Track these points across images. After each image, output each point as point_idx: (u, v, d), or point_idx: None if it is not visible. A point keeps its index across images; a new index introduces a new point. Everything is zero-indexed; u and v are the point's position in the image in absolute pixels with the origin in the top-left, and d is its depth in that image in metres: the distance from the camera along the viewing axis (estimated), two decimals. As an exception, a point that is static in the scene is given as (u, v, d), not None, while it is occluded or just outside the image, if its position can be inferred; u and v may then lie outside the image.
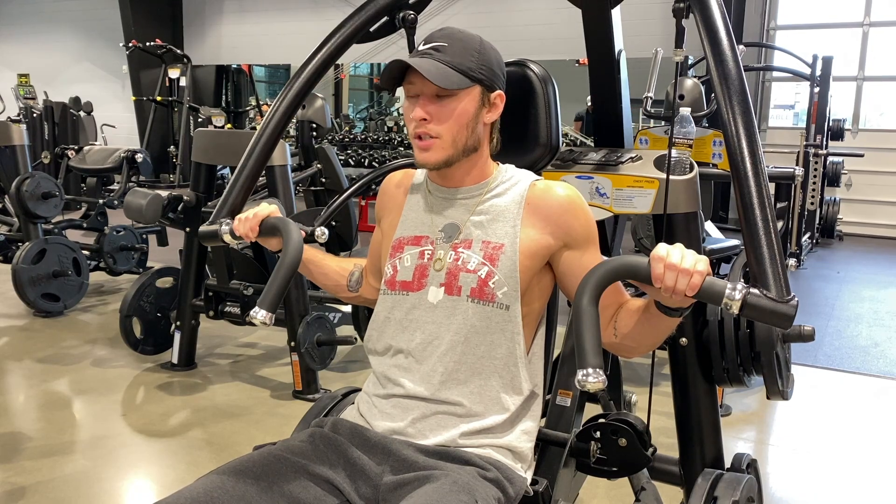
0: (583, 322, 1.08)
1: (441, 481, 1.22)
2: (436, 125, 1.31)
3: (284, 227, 1.41)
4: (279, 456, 1.29)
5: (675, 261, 1.10)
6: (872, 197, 8.62)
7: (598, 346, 1.06)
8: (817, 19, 9.00)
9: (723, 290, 1.09)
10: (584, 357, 1.06)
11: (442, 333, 1.34)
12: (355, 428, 1.37)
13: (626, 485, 1.93)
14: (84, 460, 2.69)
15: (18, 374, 3.62)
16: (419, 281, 1.38)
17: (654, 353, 1.83)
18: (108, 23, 12.55)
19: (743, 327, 1.85)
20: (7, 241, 4.83)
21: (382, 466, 1.30)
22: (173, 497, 1.18)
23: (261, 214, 1.46)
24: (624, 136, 1.90)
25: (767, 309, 1.10)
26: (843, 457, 2.88)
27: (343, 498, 1.28)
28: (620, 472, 1.68)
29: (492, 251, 1.34)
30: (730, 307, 1.09)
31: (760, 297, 1.10)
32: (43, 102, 9.48)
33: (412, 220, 1.45)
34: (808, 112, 7.15)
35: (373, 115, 14.47)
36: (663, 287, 1.11)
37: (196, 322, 3.63)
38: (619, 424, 1.64)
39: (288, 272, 1.32)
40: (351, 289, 1.60)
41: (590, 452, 1.64)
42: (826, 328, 4.58)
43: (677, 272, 1.09)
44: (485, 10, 10.27)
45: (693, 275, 1.09)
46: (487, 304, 1.33)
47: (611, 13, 1.75)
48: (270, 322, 1.28)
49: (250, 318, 1.28)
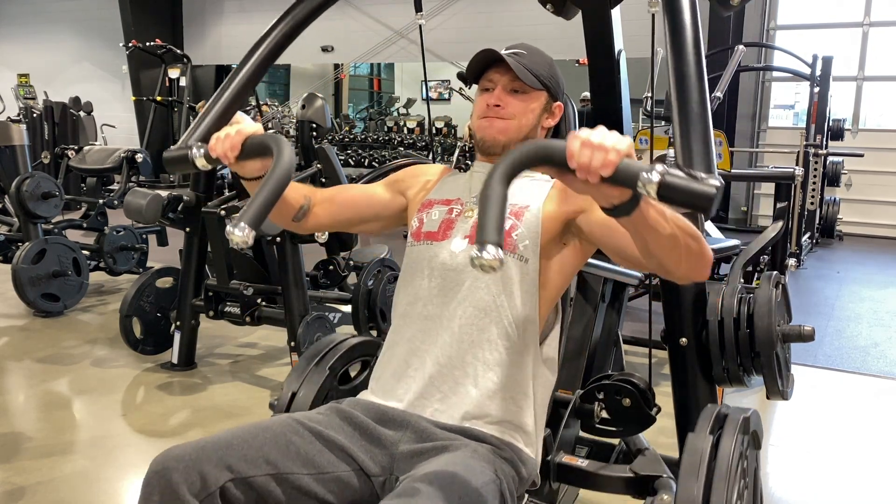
0: (490, 199, 0.99)
1: (461, 451, 1.27)
2: (506, 111, 1.46)
3: (276, 141, 1.24)
4: (297, 420, 1.32)
5: (592, 139, 1.02)
6: (872, 197, 8.62)
7: (500, 224, 0.97)
8: (817, 19, 9.00)
9: (639, 170, 0.99)
10: (484, 231, 0.96)
11: (462, 280, 1.39)
12: (373, 406, 1.40)
13: (626, 485, 1.93)
14: (84, 460, 2.69)
15: (18, 374, 3.62)
16: (444, 232, 1.46)
17: (652, 353, 1.84)
18: (108, 23, 12.54)
19: (743, 327, 1.85)
20: (7, 241, 4.83)
21: (400, 434, 1.34)
22: (194, 442, 1.23)
23: (245, 130, 1.30)
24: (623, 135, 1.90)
25: (685, 189, 0.99)
26: (843, 457, 2.88)
27: (357, 466, 1.30)
28: (625, 432, 1.70)
29: (518, 209, 1.43)
30: (646, 190, 0.99)
31: (678, 176, 1.00)
32: (43, 102, 9.48)
33: (447, 188, 1.55)
34: (808, 112, 7.15)
35: (373, 115, 14.47)
36: (578, 166, 1.02)
37: (196, 322, 3.63)
38: (622, 384, 1.65)
39: (277, 185, 1.15)
40: (296, 219, 1.51)
41: (594, 413, 1.65)
42: (826, 328, 4.58)
43: (592, 148, 1.01)
44: (485, 10, 10.27)
45: (609, 151, 1.00)
46: (508, 255, 1.38)
47: (611, 13, 1.75)
48: (250, 240, 1.09)
49: (227, 234, 1.09)
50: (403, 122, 12.55)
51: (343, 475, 1.28)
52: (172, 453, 1.20)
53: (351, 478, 1.28)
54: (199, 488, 1.17)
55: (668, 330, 1.88)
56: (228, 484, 1.19)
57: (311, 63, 12.96)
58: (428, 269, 1.43)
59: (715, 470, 1.29)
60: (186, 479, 1.17)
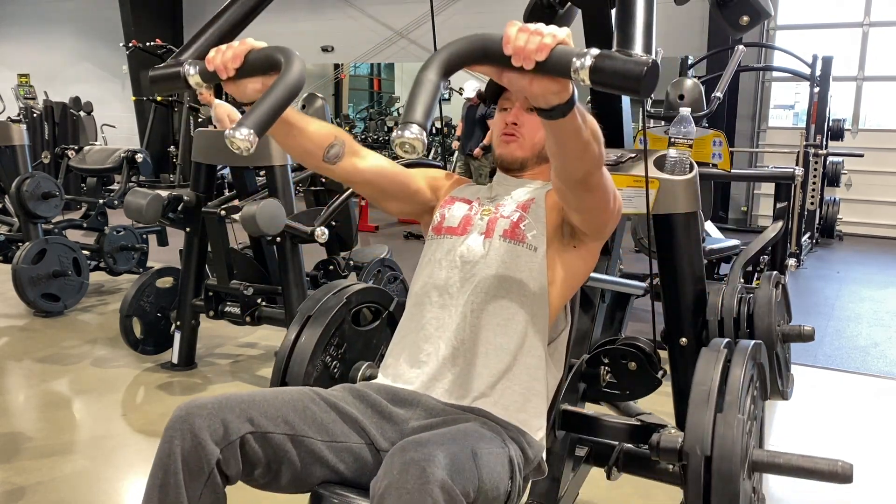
0: (420, 83, 0.97)
1: (471, 423, 1.32)
2: (523, 129, 1.54)
3: (284, 52, 1.13)
4: (314, 390, 1.37)
5: (530, 25, 1.00)
6: (872, 197, 8.62)
7: (429, 107, 0.94)
8: (817, 19, 9.00)
9: (573, 54, 0.96)
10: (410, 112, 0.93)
11: (476, 272, 1.46)
12: (385, 387, 1.45)
13: (627, 485, 1.93)
14: (84, 460, 2.69)
15: (18, 374, 3.62)
16: (464, 228, 1.53)
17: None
18: (108, 23, 12.55)
19: (743, 327, 1.85)
20: (7, 241, 4.83)
21: (411, 412, 1.38)
22: (216, 396, 1.26)
23: (249, 43, 1.20)
24: (624, 136, 1.90)
25: (616, 70, 0.94)
26: (843, 457, 2.87)
27: (368, 440, 1.34)
28: (631, 395, 1.70)
29: (525, 202, 1.52)
30: (580, 77, 0.95)
31: (611, 56, 0.95)
32: (43, 102, 9.48)
33: (469, 191, 1.64)
34: (808, 112, 7.15)
35: (373, 115, 14.47)
36: (513, 50, 0.98)
37: (196, 322, 3.63)
38: (627, 349, 1.66)
39: (286, 92, 1.06)
40: (327, 160, 1.43)
41: (600, 377, 1.66)
42: (826, 328, 4.58)
43: (528, 33, 0.98)
44: (485, 10, 10.26)
45: (545, 35, 0.97)
46: (518, 244, 1.47)
47: (611, 13, 1.75)
48: (252, 145, 0.99)
49: (227, 137, 0.99)
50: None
51: (354, 446, 1.32)
52: (197, 402, 1.24)
53: (362, 450, 1.33)
54: (220, 436, 1.21)
55: (669, 330, 1.89)
56: (248, 436, 1.23)
57: (311, 63, 12.96)
58: (446, 261, 1.49)
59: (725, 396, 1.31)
60: (209, 425, 1.21)
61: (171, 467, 1.19)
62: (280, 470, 1.27)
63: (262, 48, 1.17)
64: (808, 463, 1.33)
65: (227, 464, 1.21)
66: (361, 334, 1.76)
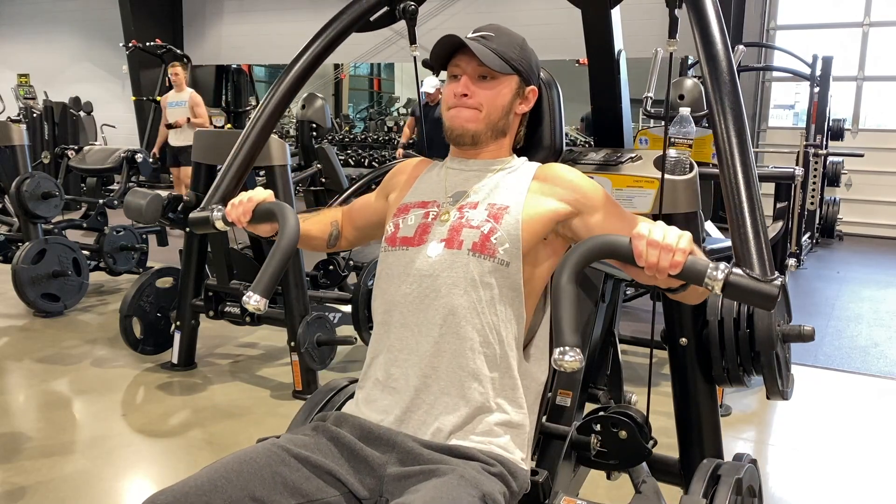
0: (561, 300, 1.06)
1: (448, 476, 1.23)
2: (474, 100, 1.41)
3: (280, 210, 1.40)
4: (282, 447, 1.30)
5: (657, 237, 1.09)
6: (872, 197, 8.62)
7: (576, 324, 1.05)
8: (817, 19, 9.00)
9: (705, 268, 1.07)
10: (562, 335, 1.04)
11: (439, 286, 1.35)
12: (358, 422, 1.37)
13: (627, 484, 1.93)
14: (84, 460, 2.69)
15: (18, 374, 3.62)
16: (420, 237, 1.41)
17: (652, 353, 1.84)
18: (108, 23, 12.55)
19: (743, 327, 1.85)
20: (7, 241, 4.83)
21: (387, 456, 1.31)
22: (178, 485, 1.20)
23: (256, 198, 1.48)
24: (624, 136, 1.90)
25: (750, 289, 1.07)
26: (843, 457, 2.88)
27: (345, 489, 1.28)
28: (621, 465, 1.69)
29: (497, 211, 1.39)
30: (712, 287, 1.07)
31: (743, 276, 1.07)
32: (43, 102, 9.49)
33: (422, 189, 1.50)
34: (808, 112, 7.15)
35: (373, 115, 14.49)
36: (646, 264, 1.09)
37: (196, 322, 3.63)
38: (619, 417, 1.64)
39: (284, 256, 1.31)
40: (330, 245, 1.67)
41: (590, 445, 1.64)
42: (826, 328, 4.58)
43: (659, 249, 1.08)
44: (485, 10, 10.27)
45: (675, 252, 1.08)
46: (487, 259, 1.35)
47: (611, 13, 1.75)
48: (264, 308, 1.27)
49: (244, 303, 1.27)
50: (403, 122, 12.56)
51: (332, 500, 1.26)
52: (157, 500, 1.17)
53: (340, 501, 1.27)
54: None
55: (669, 330, 1.88)
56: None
57: (311, 63, 12.94)
58: (404, 276, 1.39)
59: None
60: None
61: None
62: None
63: (265, 204, 1.46)
64: None
65: None
66: None
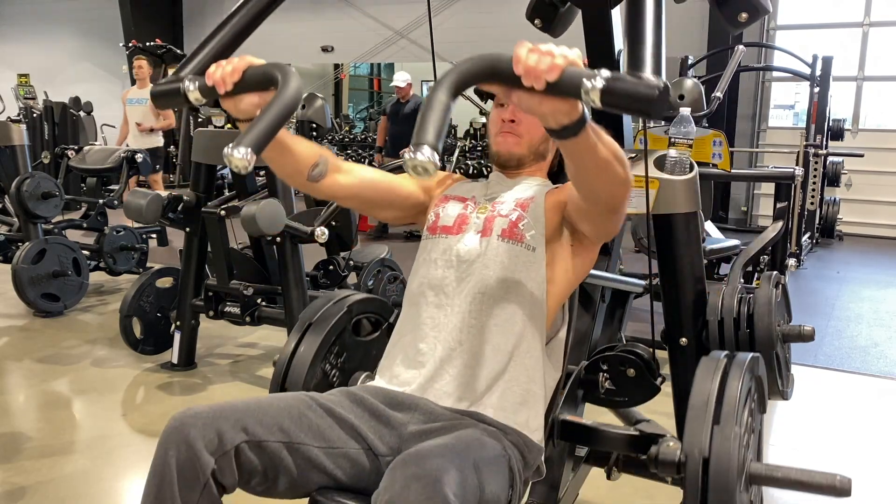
0: (431, 104, 0.97)
1: (470, 429, 1.30)
2: (520, 127, 1.54)
3: (282, 69, 1.15)
4: (310, 396, 1.36)
5: (541, 46, 1.01)
6: (872, 197, 8.62)
7: (441, 128, 0.95)
8: (817, 19, 9.00)
9: (584, 75, 0.96)
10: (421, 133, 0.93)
11: (473, 270, 1.44)
12: (383, 390, 1.43)
13: (627, 485, 1.93)
14: (84, 460, 2.69)
15: (18, 374, 3.62)
16: (459, 227, 1.51)
17: (653, 353, 1.84)
18: (108, 23, 12.54)
19: (743, 328, 1.85)
20: (7, 241, 4.83)
21: (409, 416, 1.36)
22: (212, 405, 1.26)
23: (248, 59, 1.22)
24: (624, 136, 1.90)
25: (627, 91, 0.95)
26: (843, 457, 2.88)
27: (366, 445, 1.32)
28: (630, 402, 1.70)
29: (524, 201, 1.51)
30: (589, 96, 0.96)
31: (622, 78, 0.96)
32: (43, 102, 9.48)
33: (463, 189, 1.62)
34: (808, 112, 7.15)
35: (373, 115, 14.47)
36: (524, 70, 0.99)
37: (196, 322, 3.63)
38: (626, 355, 1.66)
39: (283, 109, 1.07)
40: (311, 178, 1.42)
41: (599, 383, 1.66)
42: (826, 328, 4.58)
43: (539, 53, 0.99)
44: (485, 10, 10.27)
45: (556, 56, 0.98)
46: (516, 244, 1.45)
47: (611, 13, 1.75)
48: (250, 164, 1.00)
49: (225, 155, 0.99)
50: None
51: (352, 452, 1.31)
52: (191, 411, 1.23)
53: (360, 455, 1.32)
54: (215, 446, 1.20)
55: (669, 330, 1.89)
56: (243, 445, 1.23)
57: (311, 63, 12.96)
58: (442, 261, 1.48)
59: (723, 408, 1.31)
60: (204, 435, 1.20)
61: (166, 477, 1.18)
62: (277, 478, 1.26)
63: (260, 65, 1.18)
64: (805, 477, 1.32)
65: (222, 473, 1.21)
66: (361, 344, 1.75)
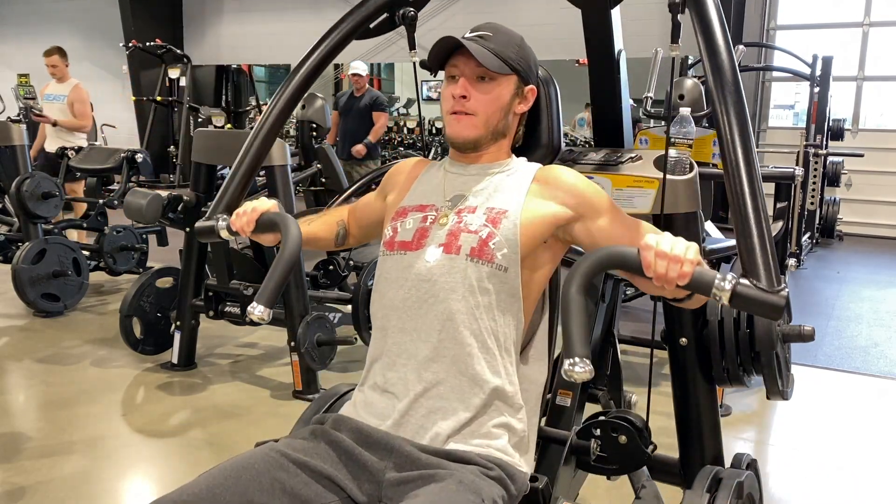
0: (570, 311, 1.08)
1: (447, 481, 1.22)
2: (473, 104, 1.39)
3: (283, 221, 1.42)
4: (281, 452, 1.29)
5: (665, 248, 1.10)
6: (872, 197, 8.61)
7: (586, 335, 1.06)
8: (817, 19, 9.00)
9: (712, 279, 1.08)
10: (571, 346, 1.05)
11: (437, 291, 1.34)
12: (356, 425, 1.36)
13: (627, 484, 1.93)
14: (84, 460, 2.69)
15: (18, 374, 3.62)
16: (418, 241, 1.40)
17: (653, 353, 1.84)
18: (108, 23, 12.53)
19: (743, 327, 1.85)
20: (7, 241, 4.83)
21: (385, 462, 1.30)
22: (176, 493, 1.19)
23: (259, 209, 1.48)
24: (624, 136, 1.90)
25: (757, 299, 1.08)
26: (843, 457, 2.88)
27: (344, 495, 1.28)
28: (620, 470, 1.68)
29: (495, 215, 1.37)
30: (719, 298, 1.08)
31: (750, 287, 1.09)
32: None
33: (420, 192, 1.50)
34: (808, 112, 7.14)
35: (373, 115, 14.44)
36: (654, 275, 1.10)
37: (196, 322, 3.63)
38: (618, 422, 1.64)
39: (287, 267, 1.33)
40: (338, 244, 1.70)
41: (590, 450, 1.64)
42: (826, 328, 4.58)
43: (668, 260, 1.09)
44: (485, 10, 10.26)
45: (684, 263, 1.09)
46: (486, 264, 1.34)
47: (611, 13, 1.75)
48: (268, 318, 1.29)
49: (248, 314, 1.29)
50: (403, 122, 12.55)
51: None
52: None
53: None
54: None
55: (669, 330, 1.88)
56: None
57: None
58: (402, 280, 1.38)
59: None
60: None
61: None
62: None
63: (268, 214, 1.48)
64: None
65: None
66: None
